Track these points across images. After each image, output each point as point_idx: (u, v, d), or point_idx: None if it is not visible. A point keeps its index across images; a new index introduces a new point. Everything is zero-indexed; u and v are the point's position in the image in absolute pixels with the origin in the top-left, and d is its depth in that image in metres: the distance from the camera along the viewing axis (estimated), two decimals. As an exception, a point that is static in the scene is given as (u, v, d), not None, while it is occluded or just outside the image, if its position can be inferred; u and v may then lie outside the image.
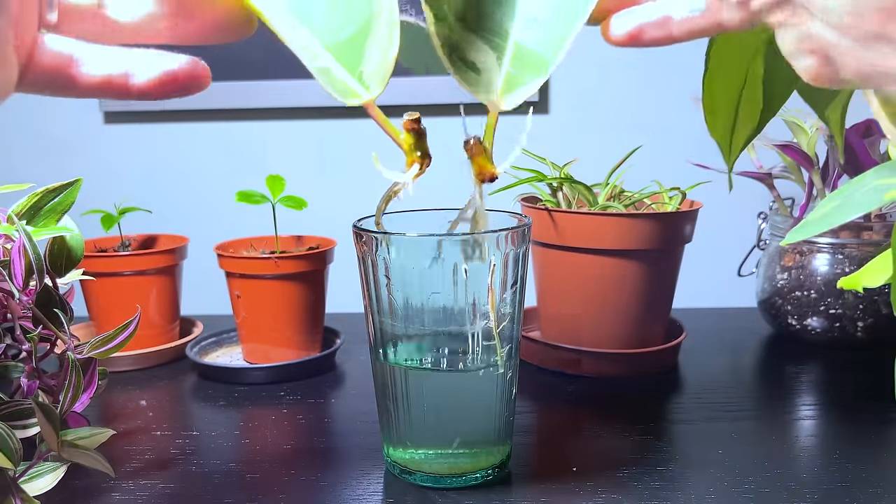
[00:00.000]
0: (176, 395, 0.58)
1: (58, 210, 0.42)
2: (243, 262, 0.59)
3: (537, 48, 0.32)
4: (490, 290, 0.38)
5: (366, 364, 0.63)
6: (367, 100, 0.31)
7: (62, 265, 0.43)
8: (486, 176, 0.34)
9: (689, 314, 0.71)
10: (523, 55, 0.32)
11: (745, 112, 0.40)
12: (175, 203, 0.88)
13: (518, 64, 0.32)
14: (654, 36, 0.30)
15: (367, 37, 0.31)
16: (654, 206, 0.62)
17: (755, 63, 0.38)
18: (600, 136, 0.84)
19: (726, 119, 0.40)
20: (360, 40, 0.31)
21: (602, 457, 0.46)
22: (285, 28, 0.30)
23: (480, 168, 0.34)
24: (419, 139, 0.33)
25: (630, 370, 0.60)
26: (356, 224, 0.41)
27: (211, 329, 0.68)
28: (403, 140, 0.33)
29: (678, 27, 0.30)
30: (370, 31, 0.31)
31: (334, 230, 0.65)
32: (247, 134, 0.87)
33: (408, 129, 0.33)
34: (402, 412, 0.41)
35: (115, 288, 0.62)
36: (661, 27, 0.30)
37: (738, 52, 0.37)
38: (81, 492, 0.42)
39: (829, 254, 0.65)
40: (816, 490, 0.41)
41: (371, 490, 0.42)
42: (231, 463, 0.46)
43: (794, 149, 0.65)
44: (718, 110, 0.40)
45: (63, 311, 0.40)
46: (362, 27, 0.31)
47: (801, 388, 0.58)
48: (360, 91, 0.31)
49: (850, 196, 0.27)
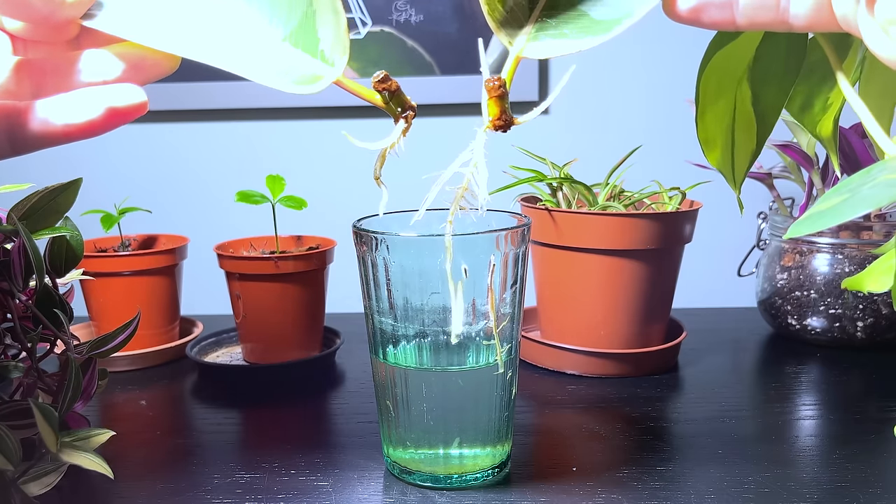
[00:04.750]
0: (176, 395, 0.58)
1: (58, 210, 0.42)
2: (243, 263, 0.59)
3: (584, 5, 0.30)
4: (490, 290, 0.38)
5: (366, 364, 0.63)
6: (334, 76, 0.31)
7: (62, 265, 0.43)
8: (504, 122, 0.32)
9: (689, 314, 0.71)
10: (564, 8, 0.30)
11: (740, 136, 0.40)
12: (175, 203, 0.88)
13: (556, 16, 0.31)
14: (716, 18, 0.28)
15: (314, 15, 0.30)
16: (654, 206, 0.62)
17: (741, 88, 0.38)
18: (600, 136, 0.84)
19: (724, 148, 0.40)
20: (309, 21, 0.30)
21: (602, 457, 0.46)
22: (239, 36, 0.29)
23: (501, 111, 0.32)
24: (394, 95, 0.32)
25: (630, 370, 0.60)
26: (356, 224, 0.41)
27: (211, 329, 0.68)
28: (379, 100, 0.32)
29: (742, 15, 0.28)
30: (314, 9, 0.30)
31: (334, 230, 0.65)
32: (247, 134, 0.87)
33: (378, 90, 0.32)
34: (402, 412, 0.41)
35: (115, 288, 0.62)
36: (726, 10, 0.28)
37: (724, 82, 0.38)
38: (81, 492, 0.42)
39: (828, 254, 0.65)
40: (816, 490, 0.41)
41: (371, 490, 0.42)
42: (231, 463, 0.46)
43: (794, 149, 0.65)
44: (714, 141, 0.40)
45: (63, 311, 0.40)
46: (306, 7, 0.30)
47: (801, 388, 0.58)
48: (326, 70, 0.30)
49: (857, 191, 0.27)
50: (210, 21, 0.29)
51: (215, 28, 0.29)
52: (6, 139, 0.27)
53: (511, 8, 0.32)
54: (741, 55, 0.37)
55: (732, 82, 0.38)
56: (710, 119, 0.39)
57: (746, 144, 0.40)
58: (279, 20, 0.30)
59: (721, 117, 0.39)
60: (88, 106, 0.27)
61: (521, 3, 0.31)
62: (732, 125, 0.40)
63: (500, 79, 0.32)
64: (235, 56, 0.29)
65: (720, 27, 0.29)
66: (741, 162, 0.41)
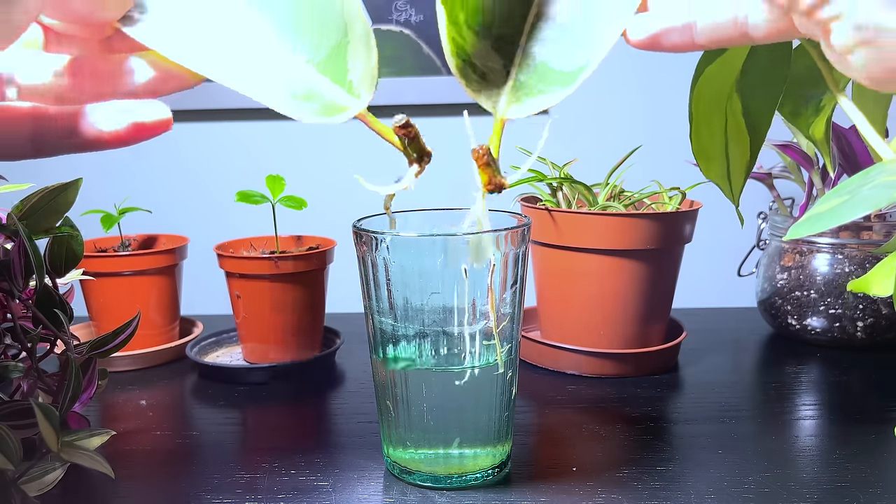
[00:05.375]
0: (176, 395, 0.58)
1: (58, 210, 0.42)
2: (243, 262, 0.59)
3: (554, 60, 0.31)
4: (490, 290, 0.38)
5: (366, 364, 0.63)
6: (359, 108, 0.31)
7: (62, 265, 0.43)
8: (494, 186, 0.33)
9: (689, 314, 0.71)
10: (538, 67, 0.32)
11: (734, 150, 0.40)
12: (175, 203, 0.88)
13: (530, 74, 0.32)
14: (675, 41, 0.29)
15: (346, 45, 0.31)
16: (654, 206, 0.62)
17: (732, 102, 0.39)
18: (600, 136, 0.84)
19: (720, 161, 0.41)
20: (341, 50, 0.31)
21: (602, 457, 0.46)
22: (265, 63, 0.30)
23: (490, 178, 0.33)
24: (413, 141, 0.33)
25: (630, 370, 0.60)
26: (356, 224, 0.41)
27: (211, 329, 0.68)
28: (398, 143, 0.33)
29: (701, 34, 0.28)
30: (348, 40, 0.31)
31: (334, 230, 0.65)
32: (247, 134, 0.87)
33: (399, 135, 0.33)
34: (401, 412, 0.41)
35: (115, 288, 0.62)
36: (684, 33, 0.28)
37: (715, 98, 0.38)
38: (81, 492, 0.42)
39: (828, 254, 0.65)
40: (816, 490, 0.41)
41: (371, 490, 0.42)
42: (231, 463, 0.46)
43: (794, 149, 0.65)
44: (710, 155, 0.41)
45: (63, 311, 0.40)
46: (341, 36, 0.30)
47: (801, 388, 0.58)
48: (351, 101, 0.31)
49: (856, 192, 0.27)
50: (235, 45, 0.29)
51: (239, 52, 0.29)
52: (31, 142, 0.28)
53: (483, 73, 0.33)
54: (729, 69, 0.38)
55: (722, 97, 0.38)
56: (705, 135, 0.40)
57: (741, 158, 0.41)
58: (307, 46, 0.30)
59: (714, 133, 0.40)
60: (115, 118, 0.28)
61: (495, 67, 0.32)
62: (726, 139, 0.40)
63: (485, 147, 0.34)
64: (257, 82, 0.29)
65: (682, 49, 0.29)
66: (737, 175, 0.41)
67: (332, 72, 0.30)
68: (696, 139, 0.40)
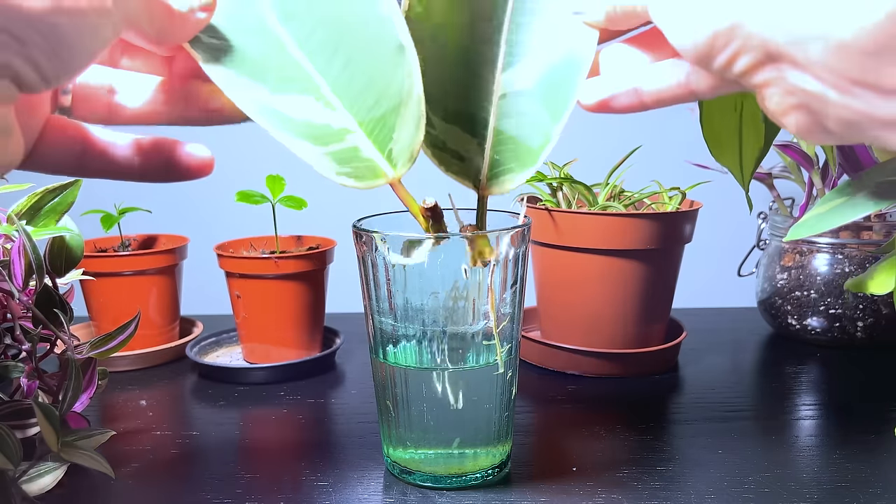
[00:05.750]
0: (176, 395, 0.58)
1: (58, 210, 0.42)
2: (243, 262, 0.59)
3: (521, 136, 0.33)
4: (490, 290, 0.38)
5: (366, 364, 0.63)
6: (393, 178, 0.32)
7: (62, 265, 0.43)
8: (483, 260, 0.37)
9: (689, 314, 0.71)
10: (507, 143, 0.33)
11: (748, 134, 0.40)
12: (175, 203, 0.88)
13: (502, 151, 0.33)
14: (624, 104, 0.30)
15: (398, 115, 0.31)
16: (654, 206, 0.62)
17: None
18: (600, 136, 0.84)
19: (732, 146, 0.41)
20: (391, 118, 0.31)
21: (602, 457, 0.46)
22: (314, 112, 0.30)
23: (480, 253, 0.37)
24: (436, 221, 0.36)
25: (630, 370, 0.60)
26: (356, 224, 0.41)
27: (211, 329, 0.68)
28: (422, 221, 0.36)
29: (649, 97, 0.30)
30: (401, 109, 0.31)
31: (334, 230, 0.65)
32: (247, 134, 0.87)
33: (424, 215, 0.35)
34: (401, 412, 0.41)
35: (115, 288, 0.62)
36: (632, 96, 0.30)
37: None
38: (81, 492, 0.42)
39: (828, 254, 0.65)
40: (816, 490, 0.41)
41: (371, 490, 0.42)
42: (231, 463, 0.46)
43: (794, 149, 0.65)
44: (722, 139, 0.41)
45: (63, 311, 0.40)
46: (395, 105, 0.31)
47: (801, 388, 0.58)
48: (387, 169, 0.32)
49: (856, 193, 0.27)
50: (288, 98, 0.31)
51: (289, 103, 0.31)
52: (76, 161, 0.29)
53: (461, 157, 0.34)
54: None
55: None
56: (717, 119, 0.40)
57: (755, 143, 0.40)
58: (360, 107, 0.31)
59: (728, 117, 0.40)
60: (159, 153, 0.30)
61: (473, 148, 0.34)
62: (740, 123, 0.40)
63: (470, 227, 0.37)
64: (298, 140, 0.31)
65: (632, 111, 0.31)
66: (749, 159, 0.41)
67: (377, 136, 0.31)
68: (706, 123, 0.40)
